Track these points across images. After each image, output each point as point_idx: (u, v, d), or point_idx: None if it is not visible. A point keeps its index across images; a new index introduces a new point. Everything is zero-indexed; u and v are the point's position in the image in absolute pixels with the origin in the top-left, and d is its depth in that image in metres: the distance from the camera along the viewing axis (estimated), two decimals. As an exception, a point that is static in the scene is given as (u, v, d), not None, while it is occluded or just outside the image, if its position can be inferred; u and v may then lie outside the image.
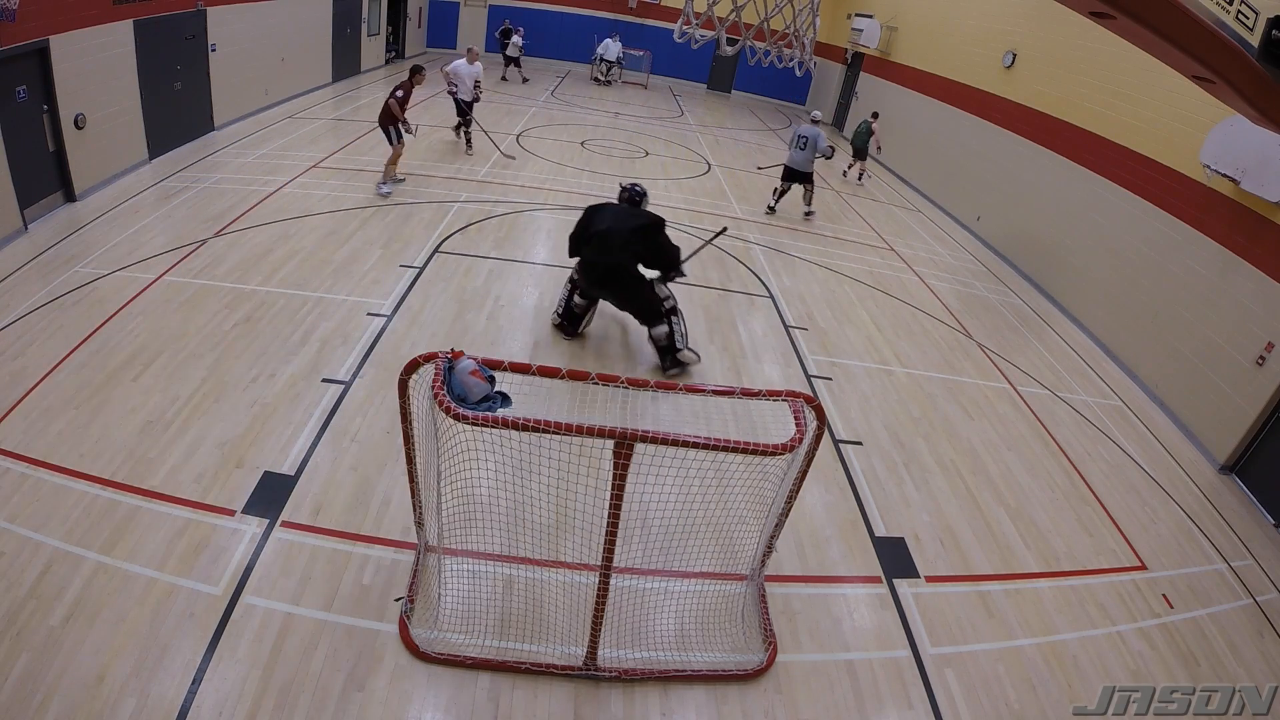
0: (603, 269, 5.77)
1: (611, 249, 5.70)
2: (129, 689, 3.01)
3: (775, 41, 6.79)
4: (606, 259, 5.73)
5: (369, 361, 5.57)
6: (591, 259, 5.80)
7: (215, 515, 3.97)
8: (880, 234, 10.97)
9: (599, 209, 5.97)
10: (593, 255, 5.79)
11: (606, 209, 5.96)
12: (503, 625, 3.56)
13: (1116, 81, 8.67)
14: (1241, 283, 6.49)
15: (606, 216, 5.84)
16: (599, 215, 5.88)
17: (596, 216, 5.88)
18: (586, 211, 6.00)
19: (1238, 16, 3.72)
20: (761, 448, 2.87)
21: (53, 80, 7.16)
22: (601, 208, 5.99)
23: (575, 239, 5.99)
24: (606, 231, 5.73)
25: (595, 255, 5.77)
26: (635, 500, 3.24)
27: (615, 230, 5.72)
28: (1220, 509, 5.79)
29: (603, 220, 5.81)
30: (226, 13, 10.46)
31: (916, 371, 6.87)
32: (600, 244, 5.74)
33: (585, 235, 5.87)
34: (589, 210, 6.00)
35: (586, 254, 5.83)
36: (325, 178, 9.39)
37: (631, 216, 5.85)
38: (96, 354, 5.20)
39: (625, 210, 5.96)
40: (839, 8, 19.18)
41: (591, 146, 13.12)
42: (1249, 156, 6.27)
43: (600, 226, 5.78)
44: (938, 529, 4.84)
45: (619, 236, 5.70)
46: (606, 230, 5.73)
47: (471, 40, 21.96)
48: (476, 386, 2.87)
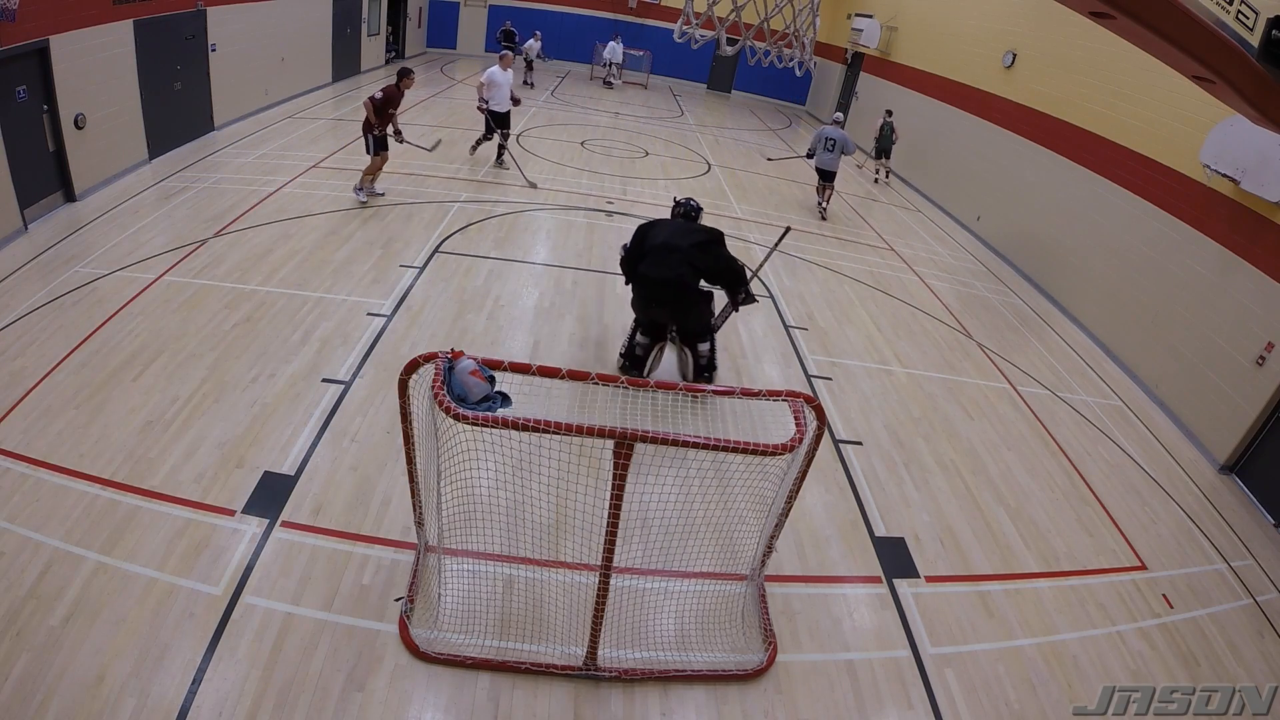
0: (661, 284, 5.44)
1: (671, 263, 5.40)
2: (129, 689, 3.01)
3: (775, 41, 6.79)
4: (665, 274, 5.41)
5: (369, 361, 5.57)
6: (649, 274, 5.45)
7: (215, 515, 3.97)
8: (880, 234, 10.97)
9: (653, 225, 5.68)
10: (650, 270, 5.44)
11: (661, 225, 5.68)
12: (503, 625, 3.56)
13: (1116, 81, 8.67)
14: (1241, 283, 6.49)
15: (662, 231, 5.56)
16: (654, 230, 5.60)
17: (652, 232, 5.59)
18: (640, 230, 5.67)
19: (1238, 16, 3.72)
20: (761, 448, 2.87)
21: (53, 80, 7.16)
22: (656, 224, 5.71)
23: (630, 259, 5.64)
24: (664, 245, 5.44)
25: (653, 270, 5.42)
26: (635, 500, 3.24)
27: (674, 244, 5.44)
28: (1220, 509, 5.79)
29: (659, 235, 5.53)
30: (226, 13, 10.46)
31: (916, 371, 6.87)
32: (658, 258, 5.43)
33: (641, 251, 5.55)
34: (642, 228, 5.68)
35: (643, 269, 5.47)
36: (325, 178, 9.39)
37: (690, 231, 5.58)
38: (96, 354, 5.20)
39: (682, 225, 5.67)
40: (839, 8, 19.18)
41: (591, 146, 13.13)
42: (1249, 156, 6.27)
43: (657, 240, 5.49)
44: (938, 529, 4.84)
45: (678, 251, 5.41)
46: (664, 244, 5.45)
47: (471, 40, 22.01)
48: (476, 386, 2.87)
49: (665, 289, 5.43)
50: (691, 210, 5.90)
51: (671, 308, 5.58)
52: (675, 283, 5.39)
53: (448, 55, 21.56)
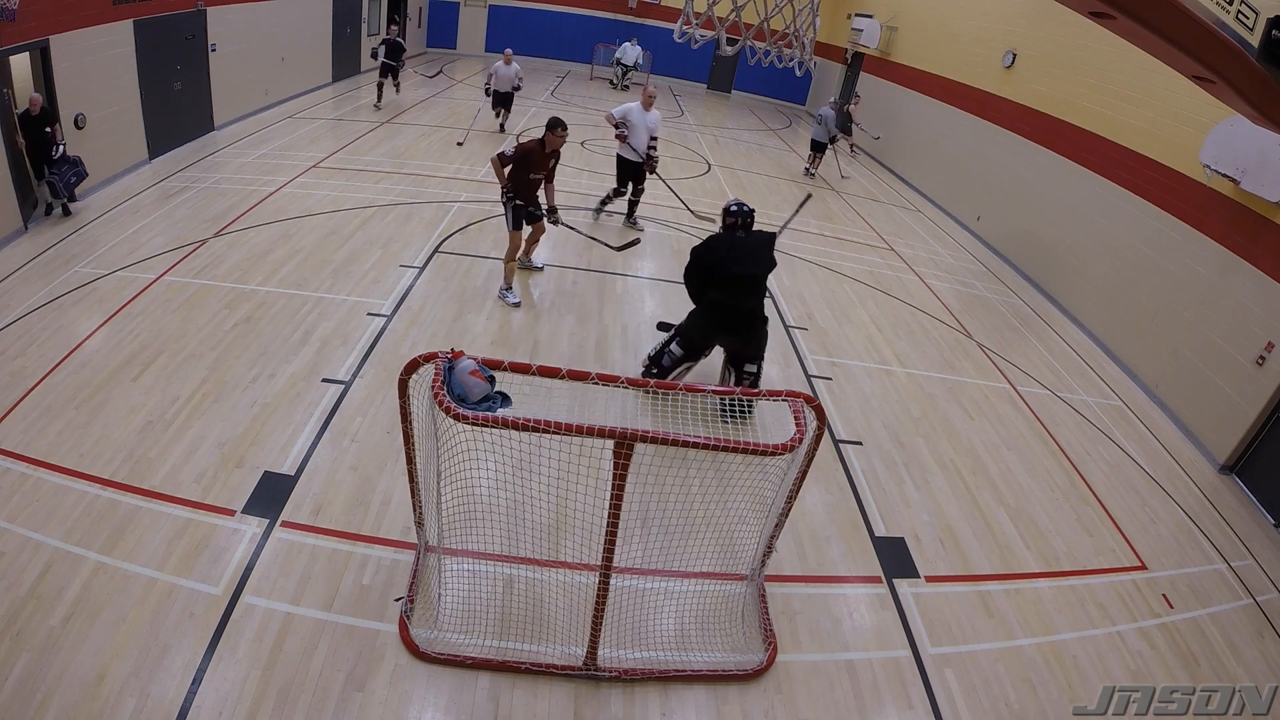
0: (744, 315, 5.23)
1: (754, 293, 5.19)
2: (129, 689, 3.01)
3: (775, 41, 6.79)
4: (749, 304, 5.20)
5: (369, 361, 5.57)
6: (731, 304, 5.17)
7: (215, 515, 3.97)
8: (880, 234, 10.97)
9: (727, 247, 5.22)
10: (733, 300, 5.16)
11: (738, 248, 5.22)
12: (503, 625, 3.56)
13: (1116, 81, 8.66)
14: (1241, 283, 6.48)
15: (742, 257, 5.17)
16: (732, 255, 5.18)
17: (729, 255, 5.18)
18: (709, 250, 5.27)
19: (1238, 16, 3.72)
20: (761, 448, 2.87)
21: (53, 80, 7.16)
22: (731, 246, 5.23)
23: (700, 282, 5.27)
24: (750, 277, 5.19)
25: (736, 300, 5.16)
26: (635, 500, 3.25)
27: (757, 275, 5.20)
28: (1220, 509, 5.79)
29: (740, 262, 5.15)
30: (226, 13, 10.46)
31: (916, 371, 6.87)
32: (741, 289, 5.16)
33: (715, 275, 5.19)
34: (714, 250, 5.25)
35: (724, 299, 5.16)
36: (325, 178, 9.39)
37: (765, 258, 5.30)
38: (96, 354, 5.20)
39: (754, 246, 5.30)
40: (839, 8, 19.17)
41: (592, 146, 13.12)
42: (1249, 156, 6.27)
43: (740, 270, 5.14)
44: (938, 529, 4.84)
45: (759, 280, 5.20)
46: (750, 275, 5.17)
47: (471, 40, 22.00)
48: (476, 386, 2.87)
49: (743, 318, 5.26)
50: (749, 218, 5.36)
51: (743, 337, 5.41)
52: (751, 314, 5.29)
53: (448, 55, 21.55)
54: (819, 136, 13.12)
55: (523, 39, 22.05)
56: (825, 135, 12.97)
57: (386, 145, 11.20)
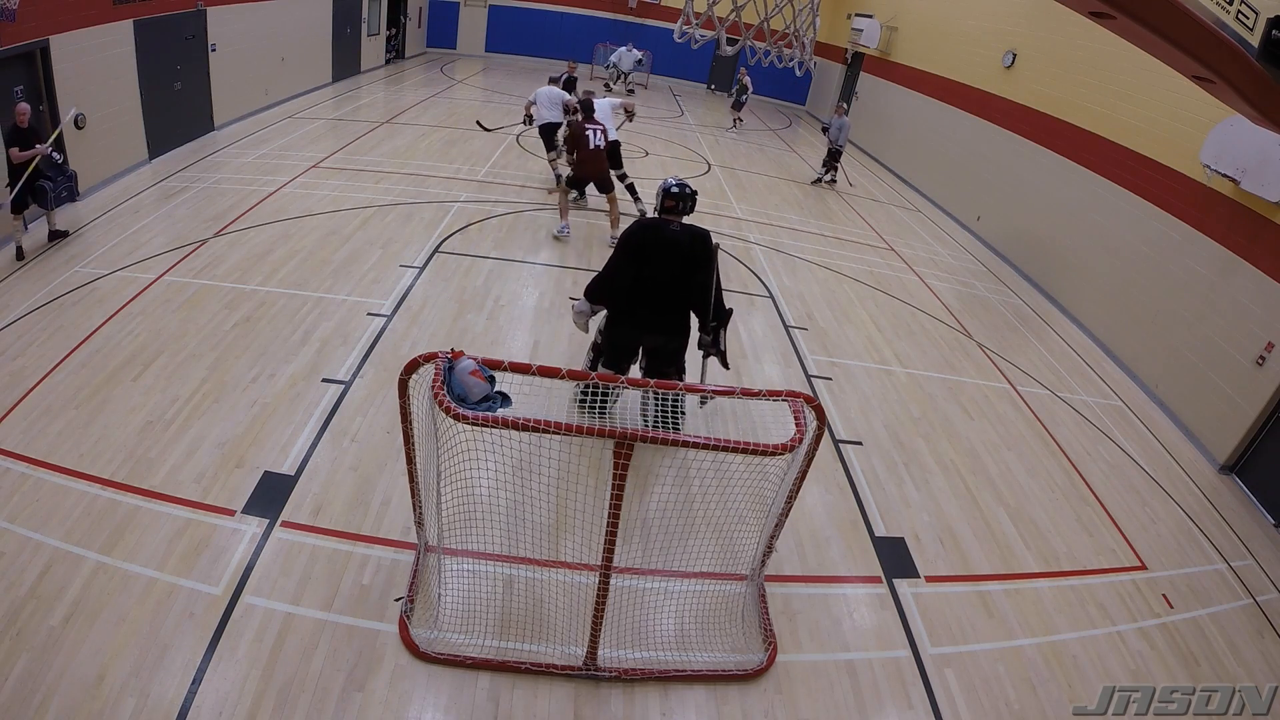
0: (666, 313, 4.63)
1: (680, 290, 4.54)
2: (129, 689, 3.01)
3: (775, 41, 6.80)
4: (674, 301, 4.58)
5: (369, 361, 5.57)
6: (655, 301, 4.56)
7: (215, 515, 3.97)
8: (880, 234, 10.97)
9: (652, 235, 4.53)
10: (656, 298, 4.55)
11: (664, 239, 4.52)
12: (503, 625, 3.56)
13: (1116, 81, 8.66)
14: (1241, 283, 6.48)
15: (672, 250, 4.50)
16: (656, 245, 4.51)
17: (653, 246, 4.51)
18: (637, 240, 4.55)
19: (1238, 16, 3.72)
20: (762, 448, 2.87)
21: (53, 80, 7.16)
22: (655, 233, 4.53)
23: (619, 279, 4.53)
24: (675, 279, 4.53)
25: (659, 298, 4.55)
26: (635, 500, 3.25)
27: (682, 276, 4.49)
28: (1220, 509, 5.79)
29: (669, 257, 4.48)
30: (226, 13, 10.46)
31: (916, 371, 6.87)
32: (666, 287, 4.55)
33: (642, 269, 4.51)
34: (640, 239, 4.55)
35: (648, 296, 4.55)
36: (325, 178, 9.39)
37: (701, 254, 4.55)
38: (96, 354, 5.20)
39: (688, 240, 4.57)
40: (839, 8, 19.17)
41: (591, 146, 13.11)
42: (1249, 156, 6.27)
43: (667, 266, 4.48)
44: (938, 529, 4.84)
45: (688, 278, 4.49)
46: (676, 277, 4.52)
47: (471, 40, 22.00)
48: (476, 386, 2.87)
49: (669, 317, 4.63)
50: (690, 199, 4.62)
51: (668, 335, 4.73)
52: (680, 309, 4.66)
53: (448, 55, 21.55)
54: (842, 144, 12.90)
55: (523, 39, 22.09)
56: (833, 142, 12.90)
57: (387, 145, 11.20)
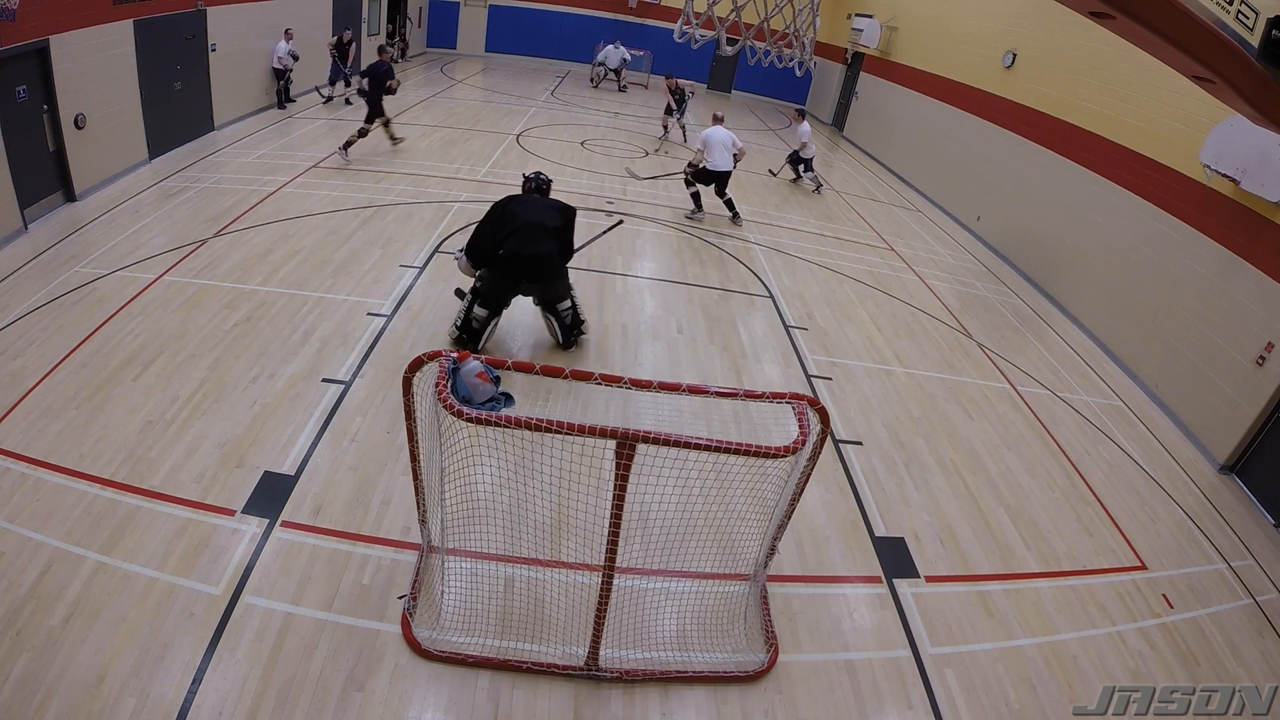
0: (535, 261, 5.61)
1: (542, 240, 5.61)
2: (129, 689, 3.01)
3: (775, 41, 6.79)
4: (539, 250, 5.59)
5: (369, 361, 5.57)
6: (524, 252, 5.56)
7: (215, 515, 3.97)
8: (880, 234, 10.97)
9: (511, 203, 5.72)
10: (524, 248, 5.55)
11: (520, 202, 5.74)
12: (503, 625, 3.56)
13: (1116, 81, 8.67)
14: (1241, 283, 6.49)
15: (527, 210, 5.67)
16: (515, 209, 5.65)
17: (512, 210, 5.64)
18: (496, 207, 5.70)
19: (1238, 16, 3.72)
20: (765, 450, 2.86)
21: (53, 80, 7.16)
22: (513, 201, 5.74)
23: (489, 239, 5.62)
24: (535, 225, 5.60)
25: (527, 248, 5.56)
26: (636, 500, 3.24)
27: (544, 224, 5.64)
28: (1220, 509, 5.79)
29: (524, 214, 5.62)
30: (226, 13, 10.46)
31: (916, 371, 6.87)
32: (529, 236, 5.56)
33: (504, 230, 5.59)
34: (499, 206, 5.70)
35: (516, 248, 5.55)
36: (325, 178, 9.39)
37: (555, 211, 5.80)
38: (96, 354, 5.20)
39: (542, 202, 5.84)
40: (839, 8, 19.17)
41: (592, 146, 13.12)
42: (1249, 156, 6.27)
43: (525, 220, 5.59)
44: (938, 529, 4.84)
45: (548, 229, 5.64)
46: (534, 224, 5.60)
47: (471, 40, 21.99)
48: (482, 388, 2.87)
49: (540, 265, 5.65)
50: (544, 184, 6.01)
51: (543, 283, 5.84)
52: (548, 259, 5.67)
53: (448, 55, 21.55)
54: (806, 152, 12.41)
55: (523, 39, 22.09)
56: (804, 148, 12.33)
57: (386, 145, 11.19)
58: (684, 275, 8.13)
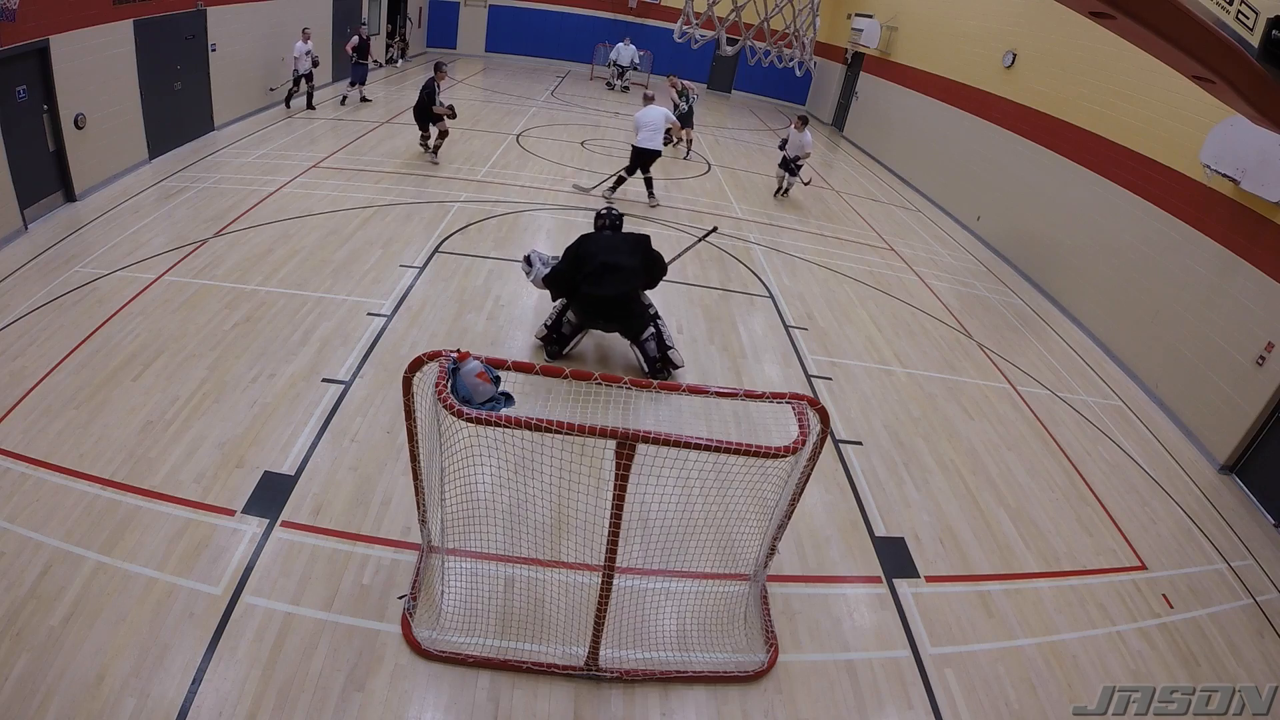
0: (610, 303, 5.62)
1: (617, 281, 5.58)
2: (129, 689, 3.01)
3: (775, 41, 6.78)
4: (612, 291, 5.57)
5: (369, 361, 5.57)
6: (595, 293, 5.58)
7: (215, 515, 3.97)
8: (880, 234, 10.97)
9: (584, 242, 5.75)
10: (596, 289, 5.57)
11: (593, 241, 5.77)
12: (503, 625, 3.56)
13: (1116, 81, 8.67)
14: (1241, 283, 6.49)
15: (600, 249, 5.67)
16: (588, 249, 5.68)
17: (586, 250, 5.67)
18: (571, 250, 5.74)
19: (1238, 16, 3.72)
20: (765, 450, 2.86)
21: (53, 80, 7.16)
22: (586, 241, 5.77)
23: (566, 278, 5.71)
24: (608, 265, 5.58)
25: (599, 289, 5.56)
26: (636, 500, 3.24)
27: (618, 264, 5.60)
28: (1220, 509, 5.79)
29: (597, 254, 5.63)
30: (226, 13, 10.45)
31: (916, 371, 6.87)
32: (602, 278, 5.56)
33: (578, 271, 5.64)
34: (573, 248, 5.74)
35: (589, 290, 5.59)
36: (325, 178, 9.39)
37: (630, 248, 5.77)
38: (96, 354, 5.20)
39: (614, 239, 5.84)
40: (839, 8, 19.17)
41: (592, 146, 13.12)
42: (1249, 156, 6.27)
43: (598, 261, 5.59)
44: (938, 529, 4.84)
45: (623, 270, 5.61)
46: (608, 264, 5.58)
47: (471, 40, 21.98)
48: (482, 388, 2.87)
49: (615, 306, 5.66)
50: (616, 221, 6.07)
51: (618, 321, 5.83)
52: (618, 300, 5.63)
53: (448, 55, 21.55)
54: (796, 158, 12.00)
55: (523, 39, 22.09)
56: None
57: (386, 145, 11.20)
58: (684, 275, 8.13)
